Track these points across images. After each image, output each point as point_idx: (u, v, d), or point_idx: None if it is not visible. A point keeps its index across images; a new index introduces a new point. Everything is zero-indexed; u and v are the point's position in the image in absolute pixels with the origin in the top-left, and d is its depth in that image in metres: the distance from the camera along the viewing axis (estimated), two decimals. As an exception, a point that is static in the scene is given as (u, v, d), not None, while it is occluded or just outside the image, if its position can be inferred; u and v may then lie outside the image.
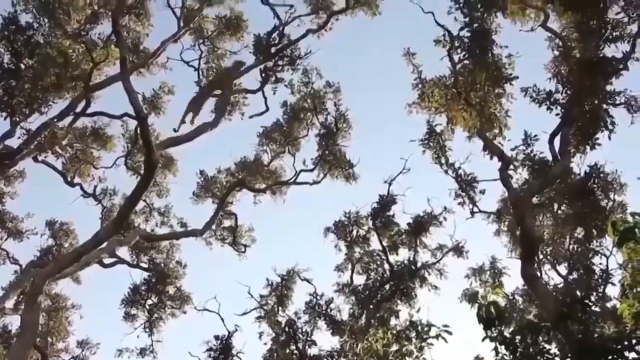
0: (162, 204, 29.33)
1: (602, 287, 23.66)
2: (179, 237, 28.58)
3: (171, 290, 28.73)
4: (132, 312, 28.29)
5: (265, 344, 26.01)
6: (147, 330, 28.17)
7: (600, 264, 24.10)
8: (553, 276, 25.41)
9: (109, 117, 25.75)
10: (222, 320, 26.15)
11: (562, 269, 25.32)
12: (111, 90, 24.62)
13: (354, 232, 27.29)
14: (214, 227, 28.76)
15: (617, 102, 21.32)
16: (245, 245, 29.54)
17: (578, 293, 9.99)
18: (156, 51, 25.84)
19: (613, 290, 22.88)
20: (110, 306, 29.26)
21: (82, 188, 27.69)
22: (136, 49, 26.05)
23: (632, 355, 9.32)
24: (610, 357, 9.12)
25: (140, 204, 27.39)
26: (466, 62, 22.46)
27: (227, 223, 29.64)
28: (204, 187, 28.70)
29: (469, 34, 21.96)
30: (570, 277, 24.38)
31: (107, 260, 26.83)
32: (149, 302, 28.50)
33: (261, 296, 27.75)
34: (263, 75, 26.22)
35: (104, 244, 21.28)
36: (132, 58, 24.89)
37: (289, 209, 38.86)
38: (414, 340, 10.94)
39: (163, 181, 28.77)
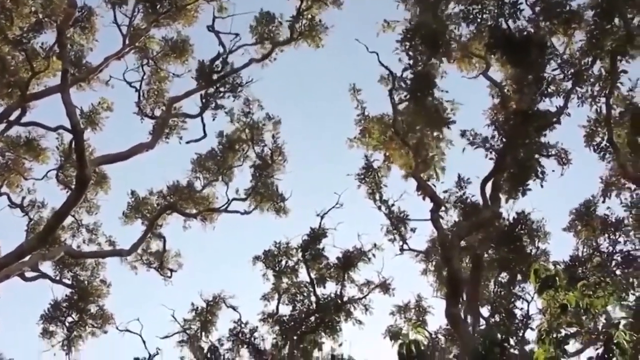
0: (91, 221, 28.75)
1: (522, 331, 24.20)
2: (105, 255, 28.05)
3: (93, 308, 28.02)
4: (50, 329, 27.47)
5: (186, 368, 25.68)
6: (65, 348, 27.36)
7: (522, 308, 24.70)
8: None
9: (44, 128, 25.33)
10: (144, 342, 25.75)
11: (485, 311, 25.87)
12: (49, 101, 24.07)
13: (283, 263, 27.28)
14: (140, 250, 28.39)
15: (549, 153, 22.14)
16: (171, 270, 29.17)
17: (498, 335, 10.20)
18: (99, 66, 25.44)
19: (532, 335, 23.45)
20: (28, 322, 28.36)
21: (9, 198, 27.01)
22: (78, 62, 25.55)
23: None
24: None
25: (69, 220, 26.73)
26: (407, 103, 22.96)
27: (155, 246, 29.26)
28: (134, 208, 28.27)
29: (412, 76, 22.45)
30: (492, 319, 24.87)
31: (28, 274, 26.06)
32: (69, 319, 27.72)
33: (185, 320, 27.44)
34: (204, 100, 26.16)
35: (27, 257, 20.79)
36: (74, 71, 24.48)
37: (219, 236, 38.76)
38: (335, 373, 11.01)
39: (94, 198, 28.19)
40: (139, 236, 27.37)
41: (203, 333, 27.14)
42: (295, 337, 26.04)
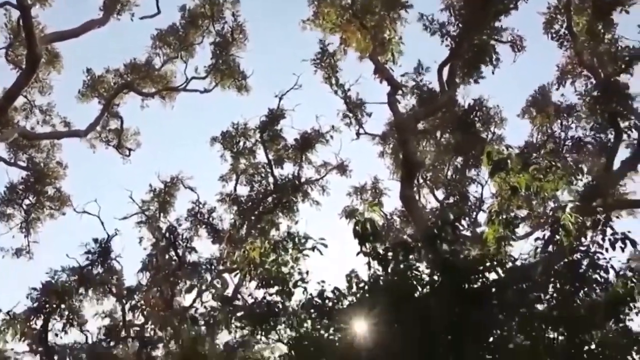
0: (45, 102, 28.02)
1: (475, 213, 24.95)
2: (60, 136, 27.66)
3: (50, 190, 27.92)
4: (7, 212, 27.40)
5: (144, 249, 25.99)
6: (24, 230, 27.45)
7: (476, 192, 25.38)
8: (430, 200, 26.55)
9: (-11, 4, 24.25)
10: (102, 223, 25.71)
11: (440, 194, 26.50)
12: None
13: (241, 144, 27.29)
14: (98, 128, 28.01)
15: (504, 39, 22.12)
16: (129, 149, 28.98)
17: (450, 216, 10.46)
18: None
19: (484, 218, 24.14)
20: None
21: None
22: None
23: (493, 275, 9.97)
24: (472, 277, 9.70)
25: (21, 100, 26.12)
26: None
27: (112, 125, 28.86)
28: (91, 87, 27.62)
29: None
30: (446, 202, 25.47)
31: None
32: (26, 202, 27.63)
33: (143, 201, 27.57)
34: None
35: (-20, 139, 20.42)
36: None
37: (177, 116, 38.39)
38: (290, 250, 11.23)
39: (46, 78, 27.44)
40: (96, 116, 27.05)
41: (161, 214, 27.34)
42: (252, 218, 26.42)
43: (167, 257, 25.48)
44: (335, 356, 9.73)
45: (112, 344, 23.89)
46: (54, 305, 22.75)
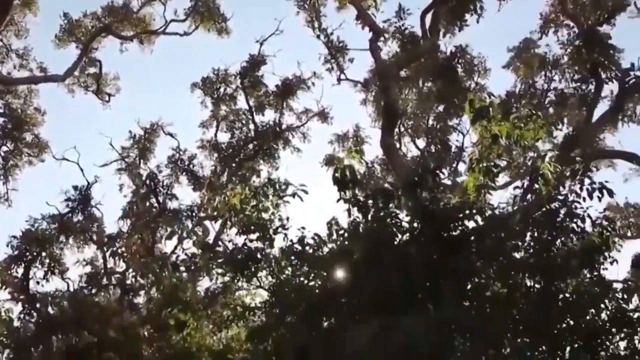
0: (21, 46, 27.49)
1: (456, 162, 25.01)
2: (38, 81, 27.17)
3: (28, 137, 27.52)
4: (-16, 159, 27.14)
5: (125, 196, 25.93)
6: (2, 177, 27.20)
7: (457, 141, 25.40)
8: (411, 149, 26.60)
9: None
10: (82, 170, 25.55)
11: (421, 142, 26.53)
12: None
13: (222, 90, 27.02)
14: (77, 73, 27.60)
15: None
16: (109, 94, 28.62)
17: (431, 164, 10.48)
18: None
19: (465, 166, 24.21)
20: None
21: None
22: None
23: (472, 223, 10.05)
24: (452, 224, 9.77)
25: (-4, 44, 25.70)
26: None
27: (91, 70, 28.39)
28: (68, 31, 27.10)
29: None
30: (427, 150, 25.53)
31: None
32: (4, 148, 27.28)
33: (123, 148, 27.35)
34: None
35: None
36: None
37: (157, 61, 37.88)
38: (271, 197, 11.23)
39: (22, 20, 26.92)
40: (74, 61, 26.64)
41: (141, 161, 27.12)
42: (233, 164, 26.34)
43: (147, 204, 25.46)
44: (315, 302, 9.81)
45: (93, 291, 24.00)
46: (35, 253, 22.72)
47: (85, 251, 24.61)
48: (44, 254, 22.96)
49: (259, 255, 10.96)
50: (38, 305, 22.21)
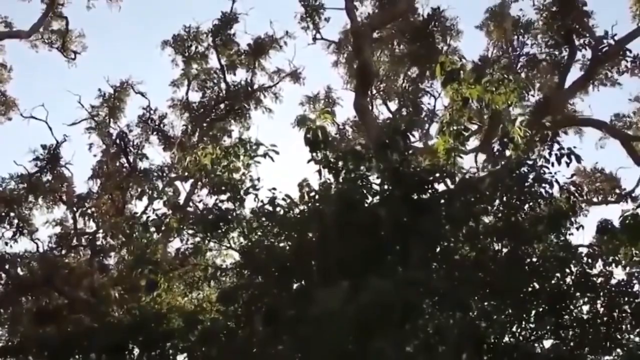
0: (-17, 0, 26.88)
1: (427, 125, 25.09)
2: (2, 37, 26.49)
3: (-6, 94, 27.08)
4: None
5: (94, 155, 25.58)
6: (-32, 137, 26.81)
7: (429, 104, 25.42)
8: (383, 111, 26.57)
9: None
10: (50, 129, 25.08)
11: (393, 105, 26.51)
12: None
13: (193, 48, 26.64)
14: (41, 30, 26.98)
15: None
16: (75, 52, 28.07)
17: (402, 126, 10.50)
18: None
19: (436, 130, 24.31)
20: None
21: None
22: None
23: (442, 186, 10.13)
24: (422, 187, 9.81)
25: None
26: None
27: (56, 26, 27.76)
28: (32, -16, 26.47)
29: None
30: (399, 113, 25.53)
31: None
32: (-31, 104, 26.80)
33: (92, 107, 26.82)
34: None
35: None
36: None
37: (125, 17, 37.18)
38: (242, 157, 11.18)
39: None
40: (39, 17, 26.06)
41: (111, 120, 26.69)
42: (204, 124, 26.10)
43: (117, 163, 25.25)
44: (285, 264, 9.85)
45: (63, 252, 23.88)
46: (3, 214, 22.52)
47: (55, 211, 24.49)
48: (12, 214, 22.78)
49: (229, 216, 10.93)
50: (7, 267, 22.06)
